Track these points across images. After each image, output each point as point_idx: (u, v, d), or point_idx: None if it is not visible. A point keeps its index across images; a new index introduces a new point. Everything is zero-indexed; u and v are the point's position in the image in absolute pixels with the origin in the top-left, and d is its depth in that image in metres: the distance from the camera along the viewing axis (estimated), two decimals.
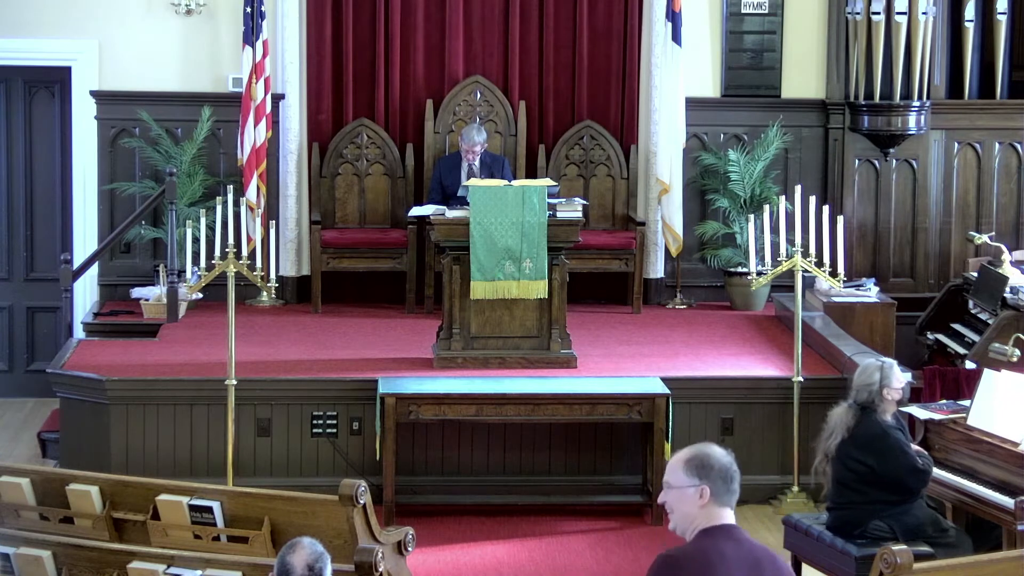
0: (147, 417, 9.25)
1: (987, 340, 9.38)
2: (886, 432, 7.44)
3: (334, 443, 9.32)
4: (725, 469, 4.59)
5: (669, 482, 4.62)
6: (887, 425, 7.47)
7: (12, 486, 6.84)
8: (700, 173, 11.90)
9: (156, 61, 11.63)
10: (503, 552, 8.66)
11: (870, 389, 7.45)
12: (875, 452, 7.36)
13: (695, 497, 4.57)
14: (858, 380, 7.52)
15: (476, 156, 11.16)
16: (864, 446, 7.38)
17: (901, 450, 7.42)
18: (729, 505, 4.60)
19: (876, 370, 7.47)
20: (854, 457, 7.38)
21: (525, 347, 9.68)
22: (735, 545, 4.56)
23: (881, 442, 7.38)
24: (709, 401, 9.47)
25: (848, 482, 7.41)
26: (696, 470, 4.57)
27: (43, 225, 11.93)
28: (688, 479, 4.57)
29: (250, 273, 9.03)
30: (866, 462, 7.35)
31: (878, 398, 7.43)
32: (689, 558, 4.53)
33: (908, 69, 11.48)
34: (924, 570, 5.70)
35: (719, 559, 4.50)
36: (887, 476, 7.35)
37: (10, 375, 11.97)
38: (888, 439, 7.41)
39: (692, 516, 4.58)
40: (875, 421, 7.43)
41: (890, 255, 12.02)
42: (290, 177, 11.67)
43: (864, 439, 7.40)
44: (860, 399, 7.48)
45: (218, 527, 6.59)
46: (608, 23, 11.84)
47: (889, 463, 7.35)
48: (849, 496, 7.42)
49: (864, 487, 7.37)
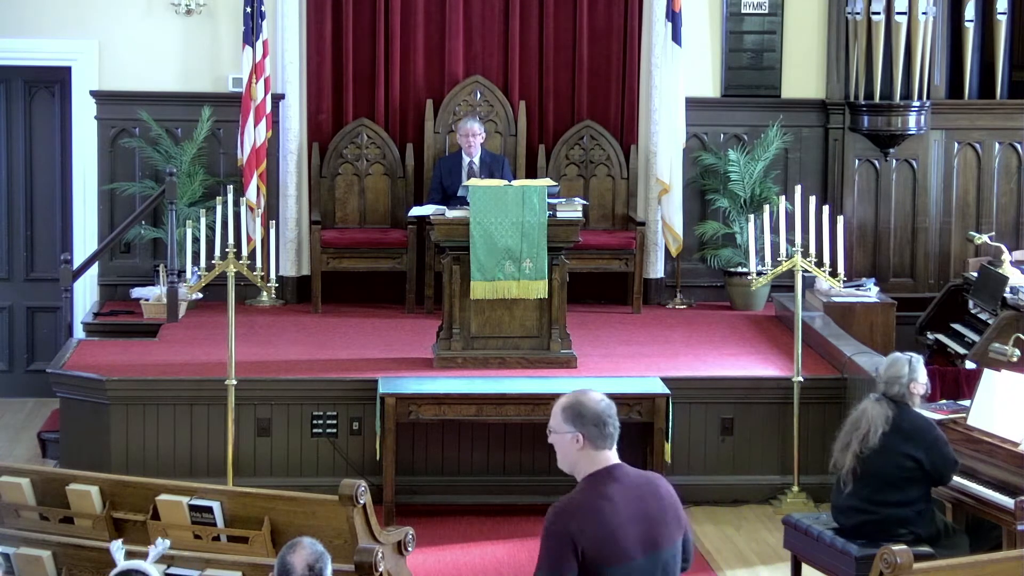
0: (147, 417, 9.25)
1: (987, 340, 9.38)
2: (931, 423, 7.39)
3: (334, 443, 9.32)
4: (598, 416, 4.87)
5: (552, 428, 4.92)
6: (928, 417, 7.45)
7: (12, 486, 6.84)
8: (700, 173, 11.91)
9: (156, 61, 11.63)
10: (503, 552, 8.67)
11: (900, 382, 7.37)
12: (924, 444, 7.24)
13: (572, 443, 4.86)
14: (888, 373, 7.40)
15: (474, 144, 11.17)
16: (911, 438, 7.25)
17: (945, 441, 7.36)
18: (607, 447, 4.89)
19: (906, 363, 7.39)
20: (903, 452, 7.23)
21: (525, 347, 9.68)
22: (619, 485, 4.86)
23: (929, 433, 7.30)
24: (709, 401, 9.47)
25: (893, 480, 7.24)
26: (572, 418, 4.87)
27: (43, 225, 11.93)
28: (565, 426, 4.87)
29: (250, 273, 9.03)
30: (915, 455, 7.21)
31: (907, 391, 7.39)
32: (577, 505, 4.81)
33: (908, 69, 11.49)
34: (924, 570, 5.70)
35: (606, 502, 4.81)
36: (932, 468, 7.25)
37: (10, 375, 11.97)
38: (935, 430, 7.35)
39: (574, 459, 4.88)
40: (917, 413, 7.38)
41: (890, 255, 12.02)
42: (290, 177, 11.67)
43: (913, 432, 7.27)
44: (891, 392, 7.36)
45: (218, 527, 6.59)
46: (608, 23, 11.84)
47: (935, 455, 7.25)
48: (887, 495, 7.25)
49: (907, 484, 7.23)
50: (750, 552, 8.72)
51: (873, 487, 7.31)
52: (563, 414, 4.90)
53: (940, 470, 7.30)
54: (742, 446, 9.51)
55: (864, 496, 7.34)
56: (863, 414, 7.40)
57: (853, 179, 11.96)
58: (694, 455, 9.44)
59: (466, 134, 11.22)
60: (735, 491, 9.51)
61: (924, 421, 7.39)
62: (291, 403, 9.33)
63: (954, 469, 7.37)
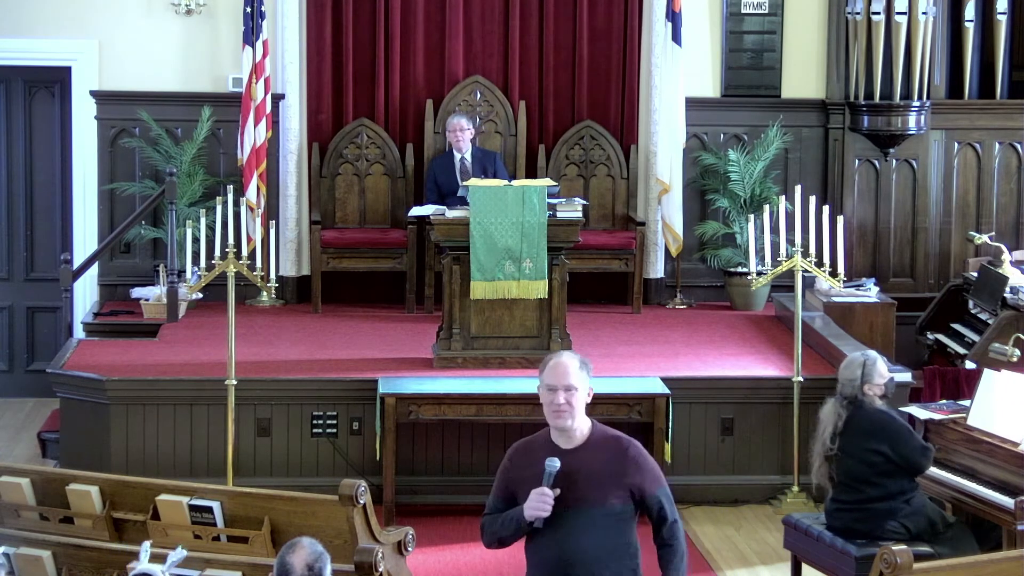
0: (147, 417, 9.25)
1: (987, 340, 9.39)
2: (890, 415, 7.44)
3: (334, 443, 9.32)
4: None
5: (576, 385, 5.36)
6: (887, 409, 7.48)
7: (12, 486, 6.84)
8: (700, 173, 11.91)
9: (156, 61, 11.63)
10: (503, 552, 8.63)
11: (853, 384, 7.46)
12: (886, 437, 7.30)
13: (589, 396, 5.45)
14: (842, 375, 7.53)
15: (463, 139, 11.19)
16: (873, 433, 7.32)
17: (908, 430, 7.42)
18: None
19: (859, 366, 7.47)
20: (866, 448, 7.31)
21: (525, 347, 9.68)
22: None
23: (888, 425, 7.35)
24: (709, 401, 9.47)
25: (864, 476, 7.31)
26: (588, 371, 5.43)
27: (43, 225, 11.93)
28: (587, 382, 5.42)
29: (250, 273, 9.03)
30: (880, 449, 7.28)
31: (860, 393, 7.43)
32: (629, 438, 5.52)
33: (908, 69, 11.49)
34: (924, 570, 5.70)
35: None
36: (901, 459, 7.29)
37: (10, 375, 11.97)
38: (895, 421, 7.41)
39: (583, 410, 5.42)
40: (874, 408, 7.42)
41: (890, 255, 12.02)
42: (290, 177, 11.67)
43: (871, 427, 7.34)
44: (845, 393, 7.48)
45: (218, 527, 6.59)
46: (608, 23, 11.84)
47: (900, 445, 7.30)
48: (865, 492, 7.32)
49: (881, 479, 7.29)
50: (750, 552, 8.72)
51: (850, 487, 7.40)
52: (583, 369, 5.39)
53: (909, 459, 7.33)
54: (742, 446, 9.51)
55: (845, 497, 7.43)
56: (822, 417, 7.55)
57: (853, 179, 11.96)
58: (694, 455, 9.44)
59: (454, 129, 11.25)
60: (735, 491, 9.51)
61: (881, 415, 7.42)
62: (291, 403, 9.33)
63: (925, 456, 7.40)
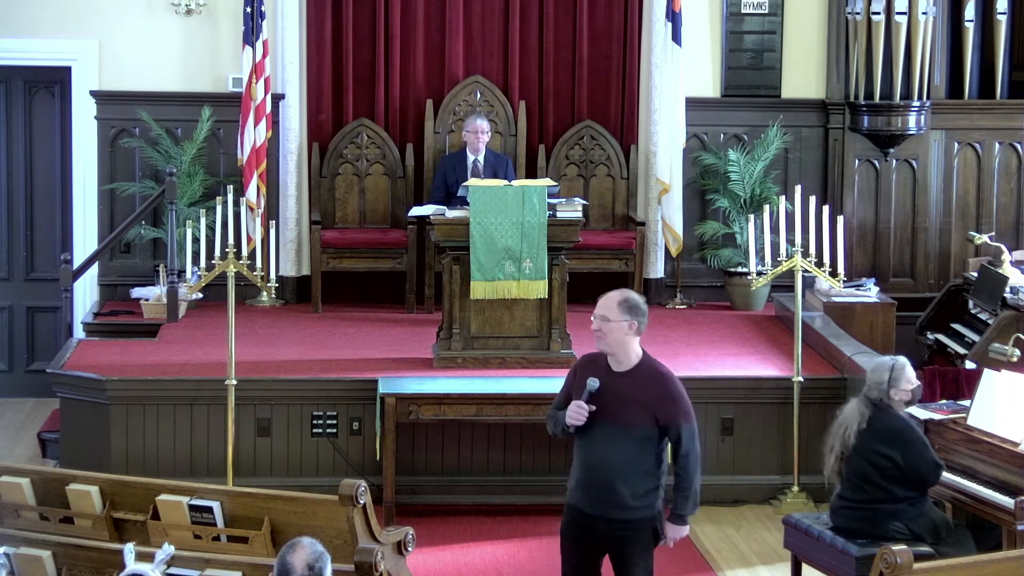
0: (147, 417, 9.25)
1: (987, 340, 9.39)
2: (909, 425, 7.42)
3: (334, 443, 9.32)
4: (645, 310, 6.51)
5: (608, 316, 6.43)
6: (908, 419, 7.47)
7: (12, 486, 6.84)
8: (700, 173, 11.91)
9: (156, 61, 11.63)
10: (503, 552, 8.67)
11: (880, 387, 7.43)
12: (899, 445, 7.29)
13: (626, 328, 6.44)
14: (870, 377, 7.50)
15: (481, 141, 11.16)
16: (888, 439, 7.30)
17: (924, 443, 7.39)
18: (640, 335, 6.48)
19: (887, 370, 7.45)
20: (878, 451, 7.29)
21: (525, 347, 9.68)
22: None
23: (905, 435, 7.34)
24: (709, 401, 9.46)
25: (872, 478, 7.30)
26: (628, 310, 6.44)
27: (43, 225, 11.93)
28: (622, 316, 6.43)
29: (250, 273, 9.03)
30: (891, 456, 7.26)
31: (885, 396, 7.42)
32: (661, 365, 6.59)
33: (908, 69, 11.49)
34: (924, 570, 5.70)
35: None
36: (910, 470, 7.28)
37: (10, 375, 11.97)
38: (912, 431, 7.39)
39: (623, 342, 6.45)
40: (896, 415, 7.41)
41: (890, 255, 12.02)
42: (290, 177, 11.67)
43: (888, 432, 7.33)
44: (871, 396, 7.45)
45: (218, 527, 6.59)
46: (608, 23, 11.84)
47: (912, 457, 7.28)
48: (871, 493, 7.31)
49: (888, 484, 7.28)
50: (750, 552, 8.72)
51: (856, 486, 7.39)
52: (620, 307, 6.43)
53: (917, 471, 7.32)
54: (742, 446, 9.51)
55: (851, 495, 7.42)
56: (843, 414, 7.51)
57: (853, 179, 11.96)
58: None
59: (474, 131, 11.21)
60: (735, 491, 9.51)
61: (901, 423, 7.42)
62: (291, 403, 9.33)
63: (935, 472, 7.38)
